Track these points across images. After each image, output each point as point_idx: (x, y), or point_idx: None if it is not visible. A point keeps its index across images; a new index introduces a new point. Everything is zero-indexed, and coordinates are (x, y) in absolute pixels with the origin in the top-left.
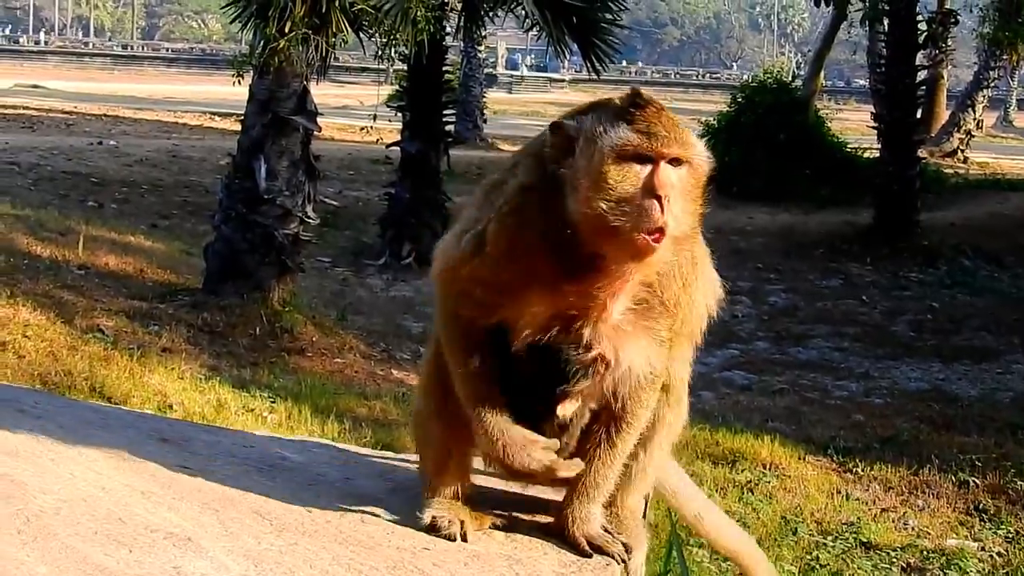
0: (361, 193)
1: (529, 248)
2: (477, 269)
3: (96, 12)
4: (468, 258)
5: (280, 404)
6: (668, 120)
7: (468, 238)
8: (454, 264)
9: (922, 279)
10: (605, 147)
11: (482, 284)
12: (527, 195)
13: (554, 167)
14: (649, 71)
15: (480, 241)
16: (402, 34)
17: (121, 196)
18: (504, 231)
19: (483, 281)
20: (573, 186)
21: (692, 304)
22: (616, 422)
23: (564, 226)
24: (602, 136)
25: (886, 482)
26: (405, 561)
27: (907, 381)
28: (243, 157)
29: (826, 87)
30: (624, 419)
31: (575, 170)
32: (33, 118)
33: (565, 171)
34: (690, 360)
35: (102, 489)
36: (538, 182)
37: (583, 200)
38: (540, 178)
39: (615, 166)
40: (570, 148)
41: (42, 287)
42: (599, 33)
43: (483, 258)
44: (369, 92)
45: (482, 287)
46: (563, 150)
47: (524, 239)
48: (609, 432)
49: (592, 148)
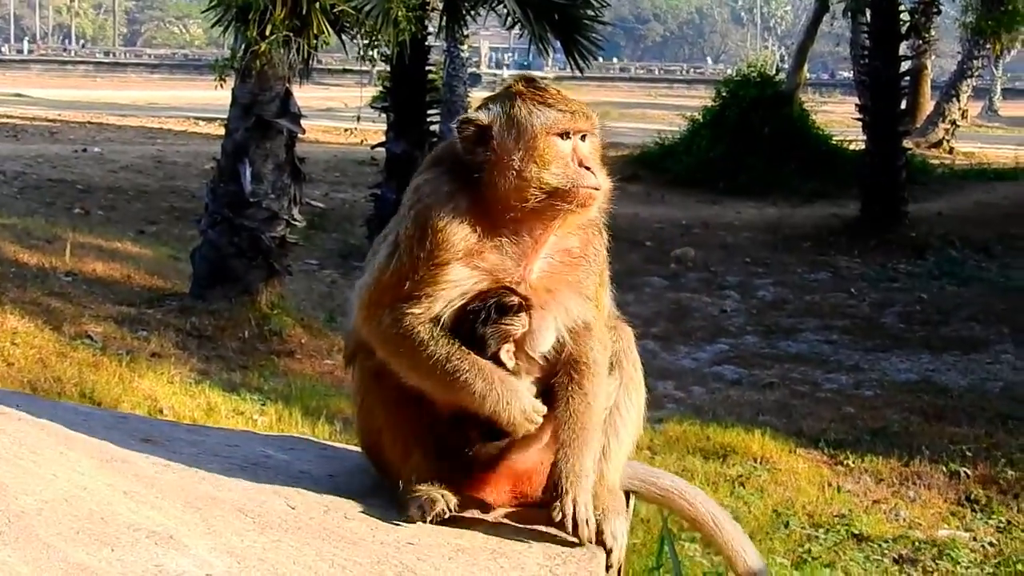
0: (347, 195)
1: (446, 225)
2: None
3: (77, 20)
4: (388, 273)
5: (270, 406)
6: (575, 100)
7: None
8: (378, 288)
9: (910, 270)
10: (536, 127)
11: (413, 282)
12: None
13: (469, 157)
14: (633, 67)
15: (393, 253)
16: (384, 35)
17: (107, 203)
18: (419, 219)
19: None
20: (502, 165)
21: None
22: (576, 366)
23: (483, 202)
24: (528, 118)
25: (877, 474)
26: (389, 556)
27: (897, 373)
28: (228, 161)
29: (810, 80)
30: (582, 362)
31: (501, 152)
32: (17, 127)
33: (487, 156)
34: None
35: (84, 489)
36: (433, 175)
37: (519, 173)
38: (435, 171)
39: (546, 142)
40: (483, 137)
41: (30, 295)
42: (581, 30)
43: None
44: (353, 94)
45: (413, 284)
46: (475, 141)
47: (439, 218)
48: (572, 377)
49: (520, 130)
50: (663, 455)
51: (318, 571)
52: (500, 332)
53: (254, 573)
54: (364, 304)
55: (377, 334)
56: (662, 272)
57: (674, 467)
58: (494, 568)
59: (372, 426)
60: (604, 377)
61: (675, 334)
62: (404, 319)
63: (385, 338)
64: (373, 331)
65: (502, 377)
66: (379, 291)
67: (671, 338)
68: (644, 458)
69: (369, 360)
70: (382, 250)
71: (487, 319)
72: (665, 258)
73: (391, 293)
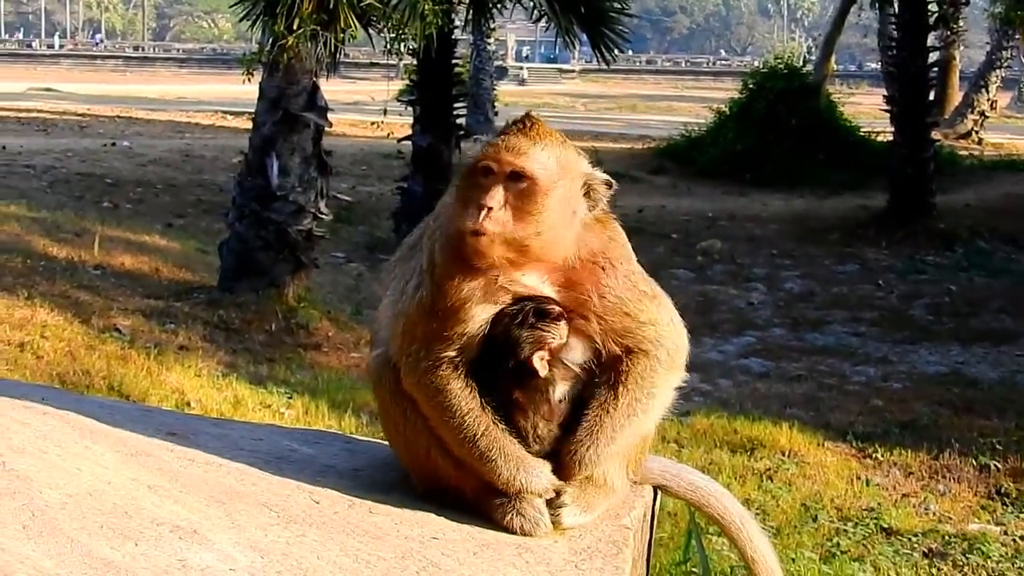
0: (374, 188)
1: (456, 262)
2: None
3: (107, 15)
4: (416, 305)
5: (297, 400)
6: (518, 137)
7: (410, 293)
8: (409, 321)
9: (939, 262)
10: (469, 162)
11: (440, 319)
12: (441, 219)
13: None
14: (659, 60)
15: (420, 284)
16: (410, 28)
17: (136, 196)
18: (432, 255)
19: (441, 314)
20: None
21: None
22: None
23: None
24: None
25: (906, 467)
26: (414, 551)
27: (926, 365)
28: (255, 155)
29: (838, 71)
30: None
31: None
32: (47, 121)
33: None
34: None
35: (108, 483)
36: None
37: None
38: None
39: (464, 179)
40: None
41: (59, 288)
42: (607, 22)
43: (430, 300)
44: (381, 87)
45: (440, 322)
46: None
47: (450, 255)
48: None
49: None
50: (690, 448)
51: (342, 566)
52: (536, 338)
53: (277, 567)
54: (396, 334)
55: (411, 377)
56: (688, 264)
57: (701, 460)
58: (519, 563)
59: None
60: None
61: (702, 327)
62: (440, 367)
63: (419, 386)
64: (408, 370)
65: (521, 457)
66: (411, 323)
67: (697, 331)
68: (671, 451)
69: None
70: (413, 279)
71: (523, 322)
72: (691, 250)
73: (423, 326)
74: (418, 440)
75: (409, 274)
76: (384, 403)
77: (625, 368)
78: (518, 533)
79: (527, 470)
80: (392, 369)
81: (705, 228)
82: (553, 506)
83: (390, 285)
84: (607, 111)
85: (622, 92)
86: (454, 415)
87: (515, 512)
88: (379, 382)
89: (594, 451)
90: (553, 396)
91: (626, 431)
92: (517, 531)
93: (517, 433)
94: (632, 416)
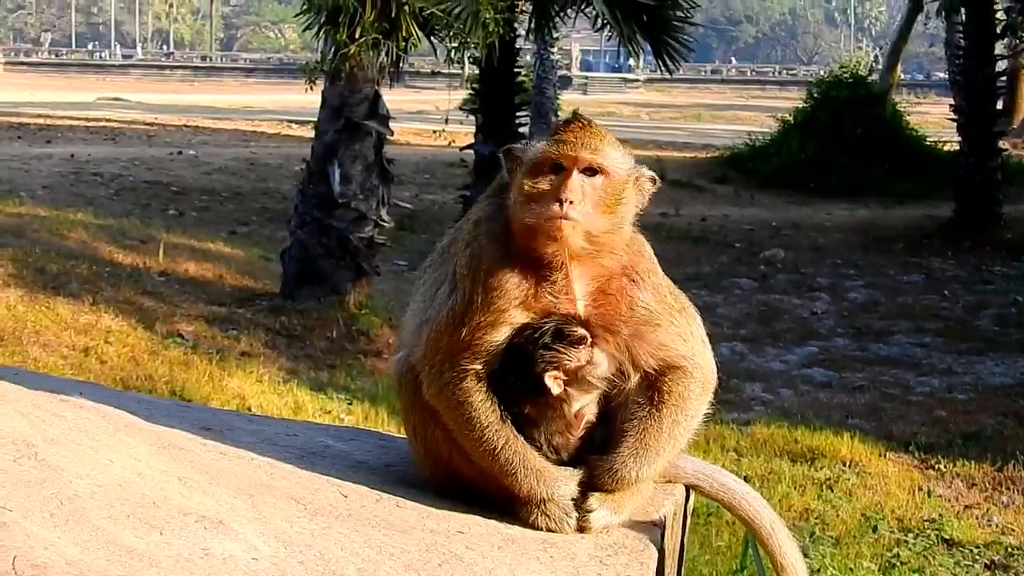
0: (436, 196)
1: (500, 268)
2: (461, 315)
3: (176, 26)
4: (446, 314)
5: (357, 406)
6: (582, 133)
7: (441, 301)
8: (437, 329)
9: (1005, 272)
10: (527, 159)
11: (471, 327)
12: (483, 224)
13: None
14: (725, 69)
15: (452, 292)
16: (473, 37)
17: (201, 204)
18: (474, 262)
19: (473, 321)
20: (512, 199)
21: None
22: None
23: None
24: (524, 152)
25: (969, 478)
26: (438, 544)
27: (991, 376)
28: (317, 163)
29: (904, 80)
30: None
31: (512, 184)
32: (115, 130)
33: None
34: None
35: (139, 475)
36: (492, 208)
37: (512, 207)
38: (493, 204)
39: (530, 175)
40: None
41: (124, 294)
42: (670, 31)
43: (462, 308)
44: (444, 97)
45: (470, 331)
46: (511, 171)
47: (493, 262)
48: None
49: (517, 163)
50: (750, 457)
51: (365, 557)
52: (551, 358)
53: (300, 557)
54: (420, 342)
55: (434, 388)
56: (751, 273)
57: (761, 470)
58: (544, 558)
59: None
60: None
61: (764, 336)
62: (464, 380)
63: (440, 397)
64: (431, 380)
65: (542, 468)
66: (437, 332)
67: (760, 340)
68: (731, 460)
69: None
70: (445, 287)
71: (540, 340)
72: (755, 259)
73: (449, 335)
74: (439, 446)
75: (441, 280)
76: (405, 407)
77: (666, 388)
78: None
79: (549, 483)
80: (413, 374)
81: (769, 237)
82: (582, 510)
83: (419, 290)
84: (671, 120)
85: (687, 101)
86: (474, 428)
87: (540, 512)
88: (400, 385)
89: (635, 472)
90: (568, 411)
91: (667, 452)
92: (543, 530)
93: (532, 443)
94: (673, 439)
